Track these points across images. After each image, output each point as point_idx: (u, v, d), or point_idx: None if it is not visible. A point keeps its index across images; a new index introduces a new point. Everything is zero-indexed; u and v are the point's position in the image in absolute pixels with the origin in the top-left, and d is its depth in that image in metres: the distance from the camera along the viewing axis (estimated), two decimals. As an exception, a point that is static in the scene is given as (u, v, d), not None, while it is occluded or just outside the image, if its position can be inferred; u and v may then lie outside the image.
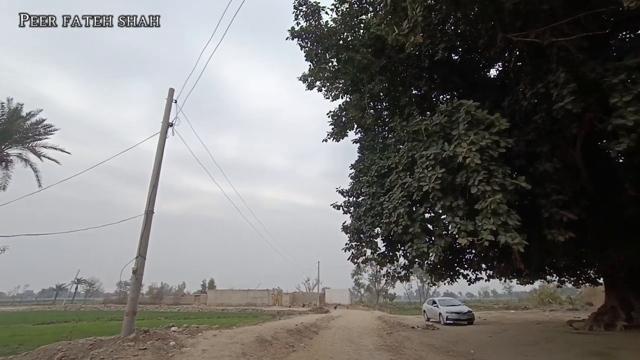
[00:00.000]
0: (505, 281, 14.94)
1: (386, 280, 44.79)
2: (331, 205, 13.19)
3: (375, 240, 11.10)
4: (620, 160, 8.93)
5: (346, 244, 11.59)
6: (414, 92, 12.66)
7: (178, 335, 8.06)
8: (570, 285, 16.09)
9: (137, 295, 7.88)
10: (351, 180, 13.10)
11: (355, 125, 13.75)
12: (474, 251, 11.41)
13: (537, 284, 24.61)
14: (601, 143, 8.95)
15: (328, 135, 13.41)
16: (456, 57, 12.44)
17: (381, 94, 13.45)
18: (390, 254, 11.66)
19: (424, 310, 20.17)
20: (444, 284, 14.27)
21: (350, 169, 13.29)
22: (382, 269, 14.52)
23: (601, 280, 12.47)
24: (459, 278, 12.76)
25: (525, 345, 9.02)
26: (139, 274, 7.67)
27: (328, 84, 14.01)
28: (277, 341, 9.52)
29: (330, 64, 12.88)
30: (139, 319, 16.63)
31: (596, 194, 8.80)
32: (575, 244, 8.90)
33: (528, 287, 36.14)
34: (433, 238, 8.15)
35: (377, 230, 10.40)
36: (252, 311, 32.90)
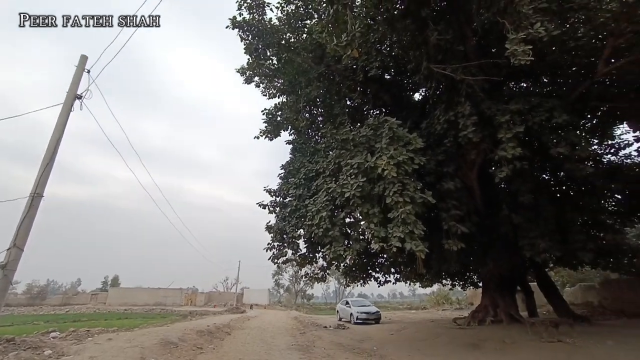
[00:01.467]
0: (410, 284, 16.66)
1: (305, 280, 45.80)
2: (257, 204, 12.98)
3: (298, 242, 11.30)
4: (502, 186, 10.81)
5: (268, 244, 11.54)
6: (347, 102, 13.34)
7: (58, 342, 6.90)
8: (459, 288, 18.83)
9: (3, 295, 6.49)
10: (280, 181, 13.10)
11: (290, 127, 13.80)
12: (385, 256, 12.48)
13: (436, 286, 27.88)
14: (491, 170, 10.70)
15: (261, 132, 13.18)
16: (388, 77, 13.51)
17: (317, 100, 13.78)
18: (311, 255, 11.98)
19: (337, 311, 21.19)
20: (358, 285, 15.30)
21: (281, 169, 13.29)
22: (301, 270, 14.83)
23: (481, 284, 14.89)
24: (371, 280, 13.82)
25: (419, 341, 10.21)
26: (9, 269, 6.31)
27: (266, 82, 13.81)
28: (184, 343, 8.90)
29: (270, 61, 12.73)
30: (4, 325, 13.77)
31: (484, 212, 10.50)
32: (465, 253, 10.42)
33: (428, 290, 40.77)
34: (350, 242, 8.68)
35: (300, 231, 10.60)
36: (160, 311, 30.06)
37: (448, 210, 8.69)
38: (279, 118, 13.73)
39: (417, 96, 13.80)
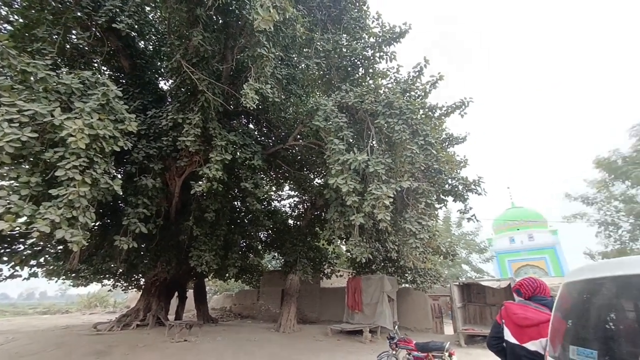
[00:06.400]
0: (56, 281, 13.28)
1: None
2: None
3: None
4: (201, 199, 11.85)
5: None
6: (73, 37, 10.01)
7: None
8: (121, 290, 17.37)
9: None
10: None
11: None
12: (28, 243, 9.40)
13: (96, 287, 24.24)
14: (192, 182, 11.51)
15: None
16: (142, 45, 11.75)
17: (16, 5, 9.37)
18: None
19: None
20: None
21: None
22: None
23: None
24: (-13, 271, 9.68)
25: (26, 356, 7.99)
26: None
27: None
28: None
29: None
30: None
31: (173, 217, 10.82)
32: (137, 253, 9.99)
33: (85, 290, 34.84)
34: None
35: None
36: None
37: (137, 206, 8.16)
38: None
39: (163, 85, 12.77)
